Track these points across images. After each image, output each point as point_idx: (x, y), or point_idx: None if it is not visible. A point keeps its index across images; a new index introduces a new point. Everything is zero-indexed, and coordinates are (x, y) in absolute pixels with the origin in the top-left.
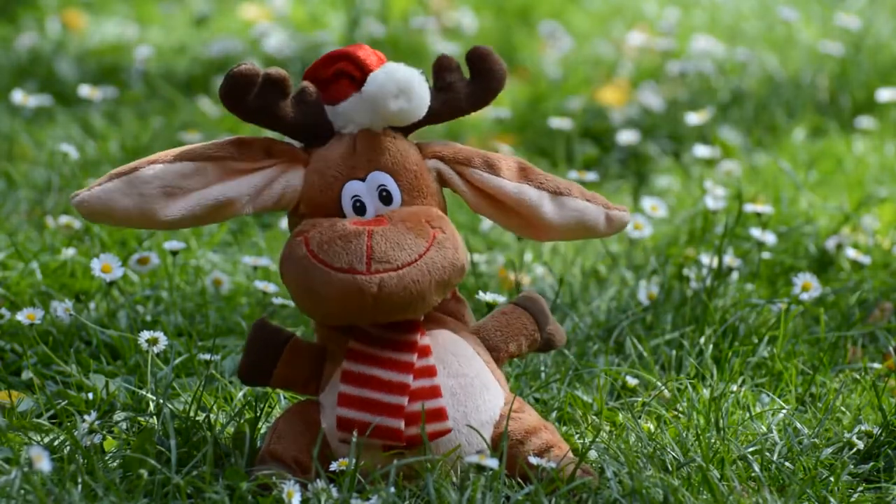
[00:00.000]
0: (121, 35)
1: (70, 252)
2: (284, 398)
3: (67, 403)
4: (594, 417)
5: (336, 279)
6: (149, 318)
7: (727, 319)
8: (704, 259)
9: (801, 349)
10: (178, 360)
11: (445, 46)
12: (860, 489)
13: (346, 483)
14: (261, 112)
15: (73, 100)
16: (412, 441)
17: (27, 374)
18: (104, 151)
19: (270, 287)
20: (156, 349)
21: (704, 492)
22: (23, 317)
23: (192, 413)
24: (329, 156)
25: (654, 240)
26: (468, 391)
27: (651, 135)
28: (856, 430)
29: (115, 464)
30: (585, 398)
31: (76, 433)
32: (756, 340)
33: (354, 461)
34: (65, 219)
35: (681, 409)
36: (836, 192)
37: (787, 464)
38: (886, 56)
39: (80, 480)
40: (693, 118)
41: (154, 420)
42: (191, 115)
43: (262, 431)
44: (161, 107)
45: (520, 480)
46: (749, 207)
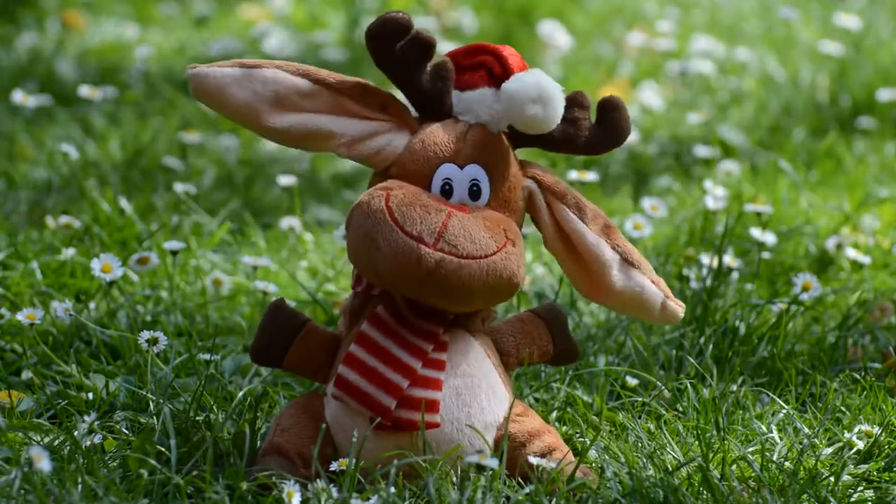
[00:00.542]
0: (121, 35)
1: (70, 252)
2: (284, 398)
3: (67, 403)
4: (594, 417)
5: (401, 241)
6: (149, 318)
7: (727, 319)
8: (704, 259)
9: (801, 349)
10: (178, 360)
11: (445, 46)
12: (860, 489)
13: (346, 483)
14: (399, 65)
15: (73, 100)
16: (399, 424)
17: (27, 374)
18: (104, 151)
19: (270, 287)
20: (156, 349)
21: (704, 492)
22: (23, 317)
23: (192, 413)
24: (438, 132)
25: (654, 240)
26: (474, 392)
27: (651, 135)
28: (856, 430)
29: (115, 464)
30: (585, 398)
31: (76, 433)
32: (756, 340)
33: (354, 461)
34: (65, 219)
35: (681, 409)
36: (836, 192)
37: (787, 464)
38: (886, 56)
39: (80, 480)
40: (693, 118)
41: (154, 420)
42: (191, 115)
43: (262, 431)
44: (161, 107)
45: (521, 481)
46: (749, 207)
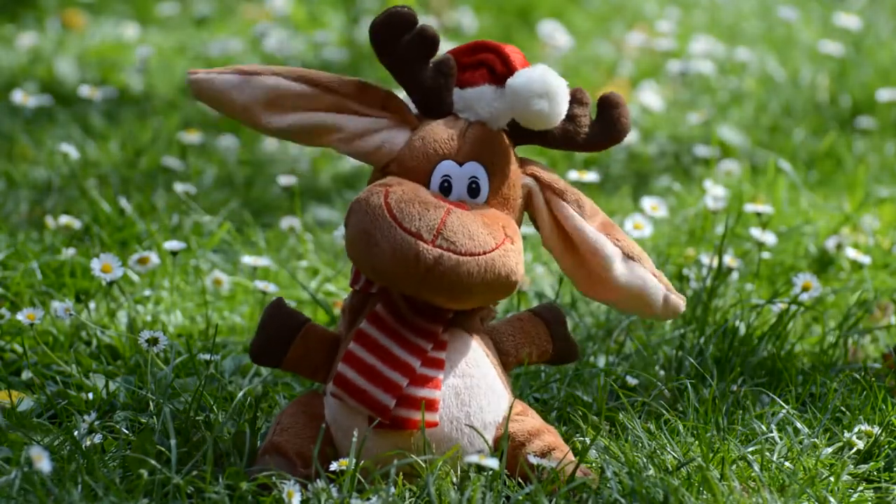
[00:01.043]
0: (121, 35)
1: (70, 252)
2: (284, 397)
3: (67, 403)
4: (594, 417)
5: (399, 237)
6: (149, 318)
7: (727, 319)
8: (704, 259)
9: (801, 349)
10: (178, 360)
11: (446, 46)
12: (860, 489)
13: (346, 483)
14: (403, 60)
15: (73, 100)
16: (397, 422)
17: (27, 374)
18: (104, 151)
19: (270, 287)
20: (156, 349)
21: (704, 492)
22: (23, 317)
23: (192, 413)
24: (438, 129)
25: (654, 240)
26: (473, 392)
27: (651, 135)
28: (856, 430)
29: (115, 464)
30: (585, 398)
31: (76, 433)
32: (756, 340)
33: (354, 461)
34: (65, 219)
35: (681, 409)
36: (836, 192)
37: (787, 464)
38: (886, 56)
39: (80, 480)
40: (693, 118)
41: (154, 420)
42: (191, 115)
43: (263, 431)
44: (161, 107)
45: (520, 481)
46: (749, 207)
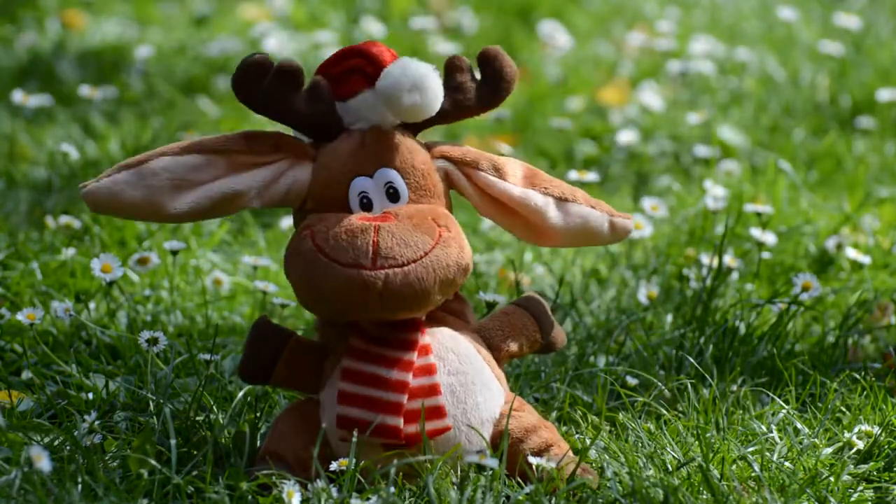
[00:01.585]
0: (121, 35)
1: (70, 252)
2: (284, 398)
3: (67, 403)
4: (594, 417)
5: (341, 274)
6: (149, 318)
7: (727, 319)
8: (704, 259)
9: (801, 349)
10: (178, 360)
11: (446, 46)
12: (860, 489)
13: (346, 483)
14: (272, 103)
15: (73, 100)
16: (411, 439)
17: (27, 374)
18: (104, 151)
19: (270, 287)
20: (156, 349)
21: (704, 492)
22: (23, 317)
23: (192, 413)
24: (338, 151)
25: (654, 240)
26: (468, 389)
27: (651, 135)
28: (856, 430)
29: (115, 464)
30: (585, 398)
31: (76, 433)
32: (756, 340)
33: (354, 461)
34: (65, 219)
35: (681, 409)
36: (836, 192)
37: (787, 464)
38: (886, 56)
39: (80, 480)
40: (693, 118)
41: (154, 420)
42: (191, 115)
43: (262, 431)
44: (161, 107)
45: (519, 480)
46: (749, 207)
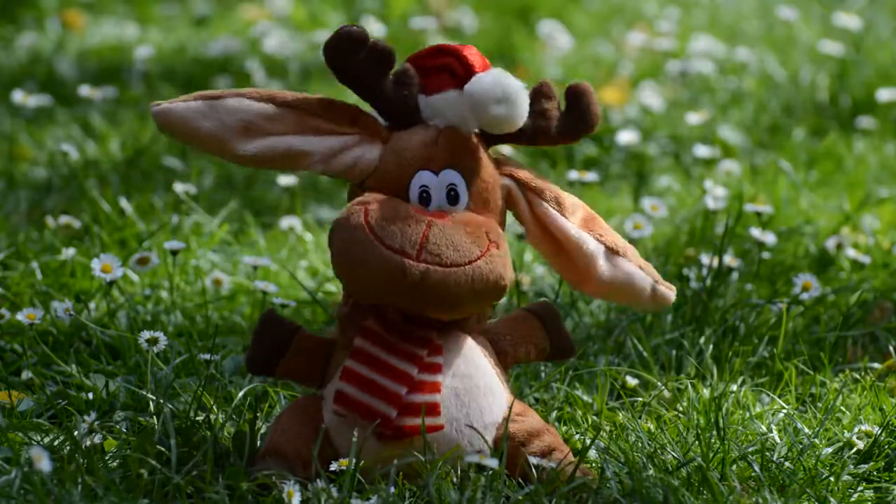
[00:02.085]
0: (121, 35)
1: (70, 252)
2: (284, 398)
3: (67, 403)
4: (594, 417)
5: (383, 255)
6: (149, 318)
7: (727, 319)
8: (704, 259)
9: (801, 349)
10: (178, 360)
11: None
12: (860, 489)
13: (346, 483)
14: (361, 77)
15: (73, 100)
16: (402, 431)
17: (27, 374)
18: (104, 151)
19: (270, 287)
20: (156, 349)
21: (704, 492)
22: (23, 317)
23: (192, 413)
24: (410, 140)
25: (654, 240)
26: (472, 393)
27: (651, 135)
28: (856, 430)
29: (115, 464)
30: (585, 398)
31: (76, 433)
32: (756, 340)
33: (355, 461)
34: (65, 219)
35: (681, 409)
36: (836, 192)
37: (787, 464)
38: (886, 56)
39: (80, 480)
40: (693, 118)
41: (154, 420)
42: None
43: (262, 431)
44: None
45: (520, 481)
46: (749, 207)
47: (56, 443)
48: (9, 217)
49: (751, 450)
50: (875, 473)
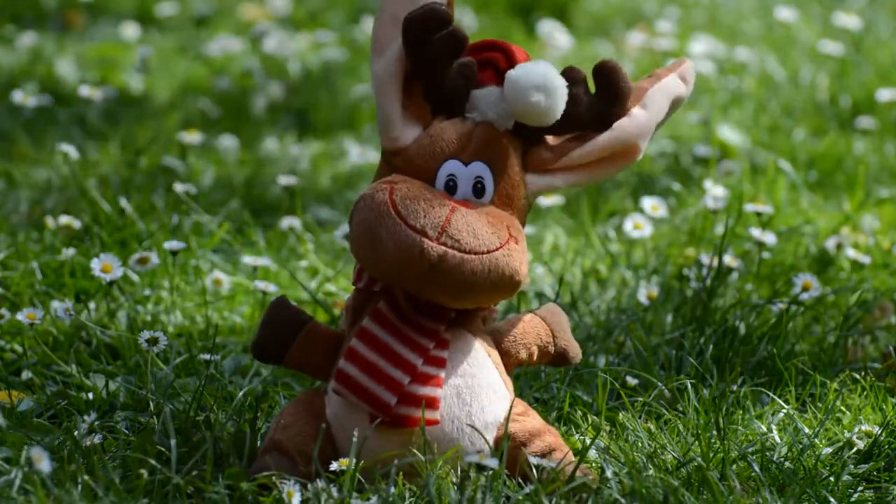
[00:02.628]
0: (121, 35)
1: (70, 252)
2: (284, 397)
3: (67, 403)
4: (594, 417)
5: (404, 234)
6: (149, 318)
7: (727, 319)
8: (704, 259)
9: (801, 349)
10: (178, 360)
11: None
12: (860, 489)
13: (347, 483)
14: (430, 58)
15: (73, 100)
16: (399, 420)
17: (27, 374)
18: (104, 151)
19: (270, 287)
20: (156, 349)
21: (704, 492)
22: (23, 317)
23: (192, 413)
24: (446, 129)
25: (654, 240)
26: (474, 392)
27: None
28: (856, 430)
29: (115, 464)
30: (585, 398)
31: (76, 433)
32: (756, 340)
33: (355, 461)
34: (65, 219)
35: (681, 409)
36: (836, 192)
37: (787, 464)
38: (886, 56)
39: (80, 480)
40: (693, 118)
41: (154, 420)
42: (191, 115)
43: (263, 431)
44: (161, 107)
45: (520, 481)
46: (749, 207)
47: (56, 443)
48: (9, 217)
49: (751, 450)
50: (875, 473)
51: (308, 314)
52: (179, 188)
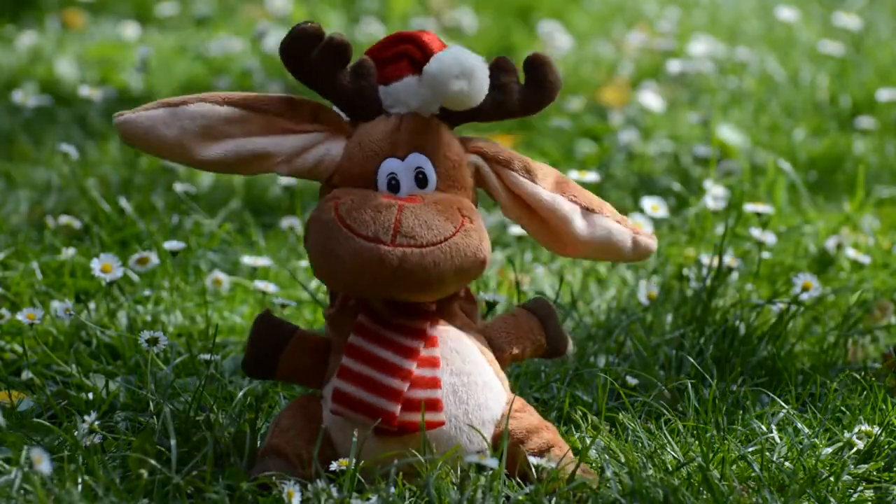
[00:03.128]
0: (121, 35)
1: (70, 252)
2: (285, 398)
3: (67, 403)
4: (594, 417)
5: (359, 246)
6: (149, 318)
7: (727, 319)
8: (704, 259)
9: (801, 349)
10: (178, 360)
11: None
12: (860, 489)
13: (346, 483)
14: (317, 74)
15: (73, 100)
16: (404, 427)
17: (27, 374)
18: (104, 151)
19: (270, 287)
20: (156, 349)
21: (704, 492)
22: (23, 317)
23: (192, 413)
24: (372, 131)
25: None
26: (470, 389)
27: (651, 135)
28: (856, 430)
29: (115, 464)
30: (585, 398)
31: (76, 433)
32: (756, 340)
33: (355, 461)
34: (65, 219)
35: (681, 409)
36: (836, 192)
37: (787, 464)
38: (886, 56)
39: (80, 480)
40: (693, 118)
41: (154, 420)
42: None
43: (262, 431)
44: None
45: (519, 480)
46: (749, 207)
47: (56, 443)
48: (9, 217)
49: (751, 450)
50: (875, 473)
51: (293, 325)
52: (179, 188)
